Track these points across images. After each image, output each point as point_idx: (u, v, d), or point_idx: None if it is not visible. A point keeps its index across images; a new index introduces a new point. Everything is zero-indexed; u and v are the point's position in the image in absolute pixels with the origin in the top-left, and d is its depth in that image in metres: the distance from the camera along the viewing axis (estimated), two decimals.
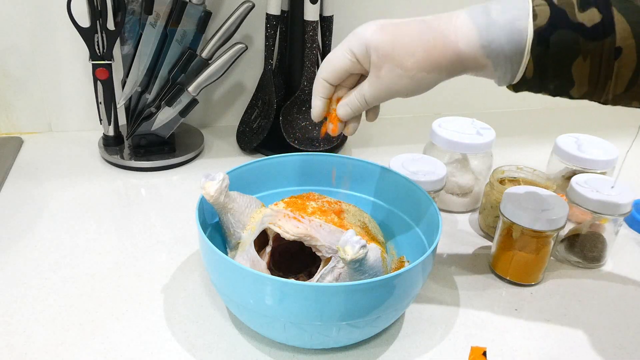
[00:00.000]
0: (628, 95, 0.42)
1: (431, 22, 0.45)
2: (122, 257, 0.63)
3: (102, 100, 0.79)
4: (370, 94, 0.48)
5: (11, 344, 0.50)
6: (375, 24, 0.47)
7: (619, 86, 0.42)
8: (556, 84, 0.44)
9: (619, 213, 0.62)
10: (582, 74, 0.42)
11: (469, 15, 0.44)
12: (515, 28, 0.42)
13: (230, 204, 0.54)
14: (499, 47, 0.42)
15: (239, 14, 0.78)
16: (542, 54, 0.42)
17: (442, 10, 0.99)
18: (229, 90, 0.95)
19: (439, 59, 0.44)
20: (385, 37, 0.45)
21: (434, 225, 0.54)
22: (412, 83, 0.45)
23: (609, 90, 0.43)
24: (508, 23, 0.42)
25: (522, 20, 0.42)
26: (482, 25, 0.42)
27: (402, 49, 0.44)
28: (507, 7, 0.43)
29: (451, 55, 0.44)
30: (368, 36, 0.46)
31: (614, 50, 0.41)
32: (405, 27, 0.45)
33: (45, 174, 0.79)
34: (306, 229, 0.50)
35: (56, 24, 0.82)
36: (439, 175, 0.67)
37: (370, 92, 0.47)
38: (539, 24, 0.41)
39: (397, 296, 0.48)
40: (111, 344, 0.51)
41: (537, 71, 0.43)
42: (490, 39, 0.42)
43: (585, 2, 0.41)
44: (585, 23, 0.41)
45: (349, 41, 0.47)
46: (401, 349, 0.53)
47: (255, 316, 0.48)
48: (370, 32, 0.46)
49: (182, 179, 0.80)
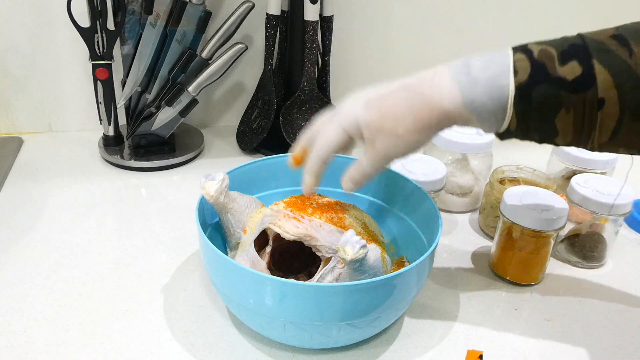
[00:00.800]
0: (613, 144, 0.43)
1: (414, 87, 0.46)
2: (122, 257, 0.63)
3: (102, 100, 0.79)
4: (370, 165, 0.49)
5: (11, 344, 0.50)
6: (360, 100, 0.48)
7: (603, 136, 0.42)
8: (540, 134, 0.44)
9: (619, 213, 0.62)
10: (566, 125, 0.42)
11: (451, 73, 0.44)
12: (497, 85, 0.42)
13: (230, 204, 0.54)
14: (481, 104, 0.43)
15: (239, 14, 0.78)
16: (525, 109, 0.42)
17: (441, 9, 0.99)
18: (229, 90, 0.95)
19: (428, 120, 0.45)
20: (373, 114, 0.47)
21: (434, 225, 0.54)
22: (406, 146, 0.46)
23: (594, 139, 0.43)
24: (489, 80, 0.42)
25: (503, 76, 0.42)
26: (463, 84, 0.43)
27: (392, 120, 0.46)
28: (488, 63, 0.43)
29: (438, 114, 0.44)
30: (357, 115, 0.47)
31: (596, 101, 0.41)
32: (390, 98, 0.46)
33: (45, 174, 0.79)
34: (306, 229, 0.50)
35: (56, 24, 0.82)
36: (439, 175, 0.67)
37: (369, 163, 0.49)
38: (520, 80, 0.42)
39: (397, 296, 0.48)
40: (111, 344, 0.51)
41: (520, 124, 0.43)
42: (472, 97, 0.43)
43: (565, 56, 0.41)
44: (566, 77, 0.41)
45: (340, 121, 0.49)
46: (401, 349, 0.53)
47: (255, 316, 0.48)
48: (358, 111, 0.47)
49: (182, 179, 0.80)
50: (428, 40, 0.98)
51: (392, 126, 0.46)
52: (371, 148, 0.48)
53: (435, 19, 0.97)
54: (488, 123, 0.44)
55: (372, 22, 0.94)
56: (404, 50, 0.98)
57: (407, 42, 0.98)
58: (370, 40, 0.96)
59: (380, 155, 0.47)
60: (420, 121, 0.45)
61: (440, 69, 0.45)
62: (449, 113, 0.44)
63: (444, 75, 0.44)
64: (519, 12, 0.99)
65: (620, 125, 0.41)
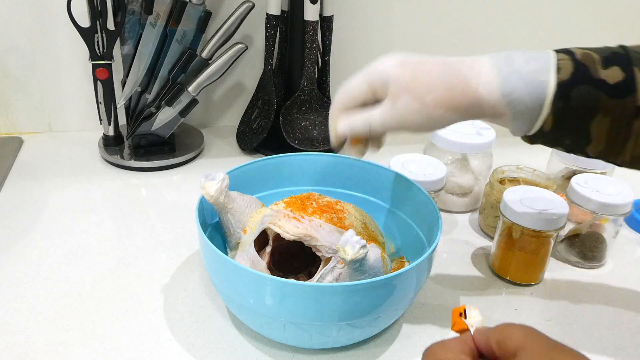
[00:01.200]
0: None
1: (454, 64, 0.44)
2: (122, 257, 0.63)
3: (102, 100, 0.79)
4: (380, 122, 0.46)
5: (11, 344, 0.50)
6: (396, 57, 0.45)
7: (638, 146, 0.41)
8: (573, 139, 0.43)
9: (619, 213, 0.62)
10: (601, 131, 0.42)
11: (492, 61, 0.43)
12: (538, 80, 0.41)
13: (230, 204, 0.54)
14: (519, 97, 0.42)
15: (239, 14, 0.78)
16: (563, 109, 0.41)
17: (441, 9, 0.98)
18: (229, 90, 0.95)
19: (459, 100, 0.43)
20: (406, 71, 0.44)
21: (434, 225, 0.54)
22: (426, 119, 0.44)
23: (627, 151, 0.42)
24: (530, 74, 0.41)
25: (545, 72, 0.41)
26: (504, 74, 0.42)
27: (423, 84, 0.43)
28: (530, 58, 0.42)
29: (471, 99, 0.43)
30: (389, 68, 0.45)
31: (635, 109, 0.40)
32: (427, 64, 0.44)
33: (45, 174, 0.79)
34: (306, 229, 0.50)
35: (56, 24, 0.82)
36: (439, 175, 0.66)
37: (380, 119, 0.45)
38: (562, 78, 0.41)
39: (397, 296, 0.48)
40: (111, 344, 0.51)
41: (555, 125, 0.42)
42: (511, 88, 0.42)
43: (608, 60, 0.41)
44: (608, 80, 0.40)
45: (368, 72, 0.46)
46: (401, 349, 0.53)
47: (255, 316, 0.48)
48: (391, 64, 0.45)
49: (182, 179, 0.80)
50: (428, 40, 0.98)
51: (422, 90, 0.43)
52: (391, 104, 0.44)
53: (435, 19, 0.97)
54: (521, 121, 0.43)
55: (372, 22, 0.94)
56: (403, 50, 0.98)
57: (407, 42, 0.98)
58: (370, 40, 0.96)
59: (396, 115, 0.44)
60: (451, 98, 0.43)
61: (479, 57, 0.44)
62: (483, 101, 0.42)
63: (484, 63, 0.43)
64: (520, 12, 0.99)
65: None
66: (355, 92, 0.47)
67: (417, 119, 0.44)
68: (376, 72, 0.45)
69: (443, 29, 0.98)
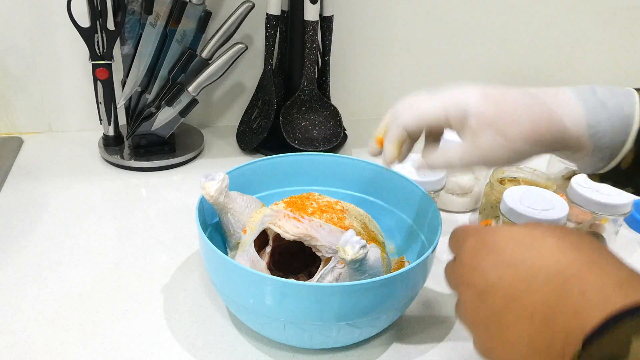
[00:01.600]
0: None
1: (537, 95, 0.42)
2: (122, 257, 0.63)
3: (102, 100, 0.79)
4: (461, 158, 0.43)
5: (11, 344, 0.50)
6: (477, 89, 0.43)
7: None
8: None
9: (619, 213, 0.62)
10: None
11: (576, 92, 0.42)
12: (623, 113, 0.40)
13: (230, 204, 0.54)
14: (603, 130, 0.40)
15: (239, 14, 0.78)
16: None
17: (441, 9, 0.99)
18: (229, 90, 0.95)
19: (543, 132, 0.41)
20: (489, 104, 0.42)
21: (434, 225, 0.54)
22: (510, 154, 0.42)
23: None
24: (616, 107, 0.40)
25: (630, 106, 0.40)
26: (589, 105, 0.41)
27: (507, 117, 0.41)
28: (614, 92, 0.41)
29: (555, 131, 0.41)
30: (470, 100, 0.43)
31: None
32: (510, 96, 0.42)
33: (45, 174, 0.79)
34: (306, 229, 0.50)
35: (56, 24, 0.82)
36: (439, 175, 0.66)
37: (461, 156, 0.43)
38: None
39: (397, 296, 0.48)
40: (111, 344, 0.51)
41: (635, 162, 0.41)
42: (596, 120, 0.40)
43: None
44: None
45: (445, 99, 0.44)
46: (401, 349, 0.53)
47: (255, 316, 0.48)
48: (473, 96, 0.43)
49: (182, 179, 0.80)
50: (428, 41, 0.98)
51: (506, 125, 0.41)
52: (472, 140, 0.42)
53: (435, 19, 0.97)
54: (599, 155, 0.42)
55: (372, 22, 0.94)
56: (404, 50, 0.98)
57: (407, 42, 0.98)
58: (370, 40, 0.96)
59: (479, 151, 0.42)
60: (536, 131, 0.41)
61: (562, 88, 0.42)
62: (567, 133, 0.41)
63: (568, 94, 0.42)
64: (520, 12, 0.99)
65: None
66: (429, 116, 0.45)
67: (501, 154, 0.42)
68: (455, 102, 0.43)
69: (443, 29, 0.98)
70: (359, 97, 1.01)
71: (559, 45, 1.05)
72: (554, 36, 1.03)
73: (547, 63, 1.06)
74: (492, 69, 1.03)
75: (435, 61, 1.01)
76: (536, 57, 1.05)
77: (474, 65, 1.02)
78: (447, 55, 1.01)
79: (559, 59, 1.06)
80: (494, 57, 1.03)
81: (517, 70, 1.05)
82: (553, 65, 1.06)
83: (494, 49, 1.02)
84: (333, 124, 0.87)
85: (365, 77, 0.99)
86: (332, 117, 0.87)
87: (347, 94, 0.99)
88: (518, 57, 1.04)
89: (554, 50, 1.05)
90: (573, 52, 1.06)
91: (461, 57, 1.01)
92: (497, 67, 1.04)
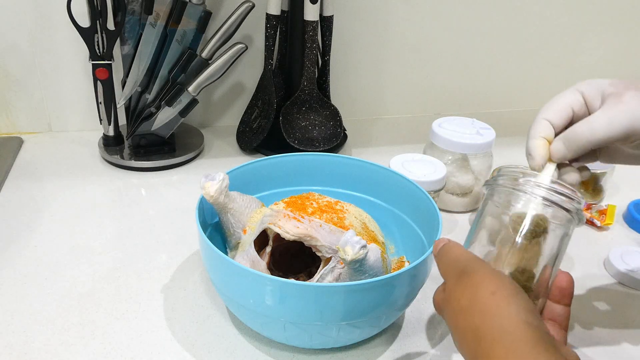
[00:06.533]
0: None
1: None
2: (122, 257, 0.63)
3: (102, 100, 0.79)
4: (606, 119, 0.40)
5: (11, 344, 0.50)
6: None
7: None
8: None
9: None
10: None
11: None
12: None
13: (230, 204, 0.54)
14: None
15: (239, 14, 0.78)
16: None
17: (441, 9, 0.98)
18: (229, 90, 0.95)
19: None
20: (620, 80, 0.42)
21: (434, 225, 0.54)
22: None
23: None
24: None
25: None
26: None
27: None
28: None
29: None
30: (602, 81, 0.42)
31: None
32: None
33: (45, 174, 0.79)
34: (306, 229, 0.50)
35: (56, 24, 0.82)
36: (439, 175, 0.67)
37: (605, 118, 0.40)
38: None
39: (397, 296, 0.48)
40: (111, 344, 0.51)
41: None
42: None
43: None
44: None
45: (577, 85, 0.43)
46: (401, 349, 0.53)
47: (255, 316, 0.48)
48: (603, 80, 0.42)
49: (182, 179, 0.80)
50: (428, 41, 0.98)
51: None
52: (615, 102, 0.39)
53: (435, 19, 0.97)
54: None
55: (372, 22, 0.94)
56: (404, 50, 0.98)
57: (407, 43, 0.98)
58: (370, 40, 0.96)
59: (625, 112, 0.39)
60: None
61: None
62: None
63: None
64: (520, 12, 0.99)
65: None
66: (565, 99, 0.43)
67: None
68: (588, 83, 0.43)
69: (443, 29, 0.98)
70: (359, 97, 1.01)
71: (559, 45, 1.05)
72: (554, 36, 1.03)
73: (548, 63, 1.06)
74: (492, 69, 1.03)
75: (436, 61, 1.01)
76: (536, 57, 1.05)
77: (473, 65, 1.02)
78: (446, 55, 1.01)
79: (559, 59, 1.06)
80: (494, 57, 1.03)
81: (517, 70, 1.05)
82: (553, 64, 1.06)
83: (493, 49, 1.02)
84: (333, 124, 0.87)
85: (365, 77, 0.99)
86: (332, 117, 0.87)
87: (347, 94, 0.99)
88: (518, 57, 1.04)
89: (554, 50, 1.05)
90: (573, 52, 1.06)
91: (461, 57, 1.01)
92: (497, 67, 1.03)
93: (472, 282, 0.35)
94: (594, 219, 0.73)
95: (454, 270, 0.38)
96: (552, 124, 0.43)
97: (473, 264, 0.37)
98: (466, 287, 0.35)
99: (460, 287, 0.36)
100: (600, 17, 1.03)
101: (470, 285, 0.35)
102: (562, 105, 0.43)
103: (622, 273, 0.64)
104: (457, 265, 0.38)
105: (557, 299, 0.39)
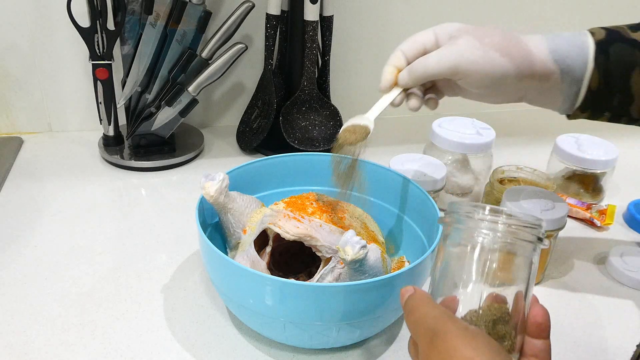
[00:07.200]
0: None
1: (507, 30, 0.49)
2: (122, 257, 0.63)
3: (102, 100, 0.79)
4: (438, 58, 0.48)
5: (11, 344, 0.50)
6: None
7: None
8: (618, 98, 0.48)
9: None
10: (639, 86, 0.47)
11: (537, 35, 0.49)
12: (579, 40, 0.48)
13: (230, 204, 0.54)
14: (565, 53, 0.47)
15: (239, 14, 0.78)
16: (605, 63, 0.47)
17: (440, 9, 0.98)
18: (229, 90, 0.95)
19: (513, 49, 0.47)
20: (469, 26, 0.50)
21: (434, 225, 0.54)
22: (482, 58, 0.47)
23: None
24: (571, 37, 0.49)
25: (583, 35, 0.48)
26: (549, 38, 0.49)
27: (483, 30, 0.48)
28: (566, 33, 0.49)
29: (523, 51, 0.47)
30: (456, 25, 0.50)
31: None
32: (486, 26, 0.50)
33: (45, 174, 0.79)
34: (306, 229, 0.50)
35: (56, 24, 0.82)
36: (439, 175, 0.67)
37: (437, 56, 0.48)
38: (598, 38, 0.48)
39: (397, 296, 0.47)
40: (111, 344, 0.51)
41: (600, 81, 0.47)
42: (556, 45, 0.48)
43: (635, 27, 0.48)
44: (638, 39, 0.47)
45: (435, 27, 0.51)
46: (401, 349, 0.53)
47: (255, 316, 0.48)
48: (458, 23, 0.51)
49: (182, 179, 0.80)
50: None
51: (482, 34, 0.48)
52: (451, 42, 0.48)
53: (435, 19, 0.96)
54: (569, 79, 0.48)
55: (372, 22, 0.94)
56: None
57: None
58: (370, 40, 0.96)
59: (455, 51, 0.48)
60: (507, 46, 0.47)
61: None
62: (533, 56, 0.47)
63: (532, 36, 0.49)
64: (519, 12, 0.99)
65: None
66: (419, 37, 0.51)
67: (474, 55, 0.47)
68: (443, 26, 0.51)
69: None
70: (359, 97, 1.01)
71: None
72: None
73: None
74: None
75: None
76: None
77: None
78: None
79: None
80: None
81: None
82: None
83: None
84: (333, 124, 0.87)
85: (365, 77, 0.99)
86: (332, 117, 0.87)
87: (347, 94, 0.99)
88: None
89: None
90: None
91: None
92: None
93: (446, 346, 0.33)
94: (594, 219, 0.73)
95: (424, 332, 0.35)
96: (405, 56, 0.51)
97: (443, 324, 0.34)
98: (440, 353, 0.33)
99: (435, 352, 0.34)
100: (600, 17, 1.03)
101: (444, 350, 0.33)
102: (417, 40, 0.51)
103: (622, 273, 0.64)
104: (427, 326, 0.35)
105: (535, 335, 0.39)
